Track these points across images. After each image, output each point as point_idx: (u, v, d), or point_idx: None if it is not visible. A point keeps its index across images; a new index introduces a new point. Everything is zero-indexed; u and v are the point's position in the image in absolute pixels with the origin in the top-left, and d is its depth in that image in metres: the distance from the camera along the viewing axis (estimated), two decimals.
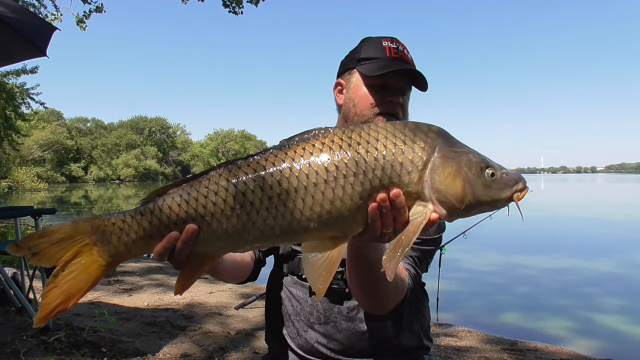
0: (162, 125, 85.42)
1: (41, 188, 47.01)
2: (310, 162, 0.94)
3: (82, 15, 10.19)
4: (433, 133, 0.99)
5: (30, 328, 3.70)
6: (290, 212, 0.93)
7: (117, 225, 0.97)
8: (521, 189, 0.99)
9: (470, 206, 0.96)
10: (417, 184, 0.95)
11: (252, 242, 0.96)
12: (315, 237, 0.96)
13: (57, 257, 0.95)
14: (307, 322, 1.48)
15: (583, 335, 4.99)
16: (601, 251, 10.25)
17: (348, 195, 0.93)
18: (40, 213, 4.07)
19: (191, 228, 0.94)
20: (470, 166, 0.96)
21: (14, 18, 3.61)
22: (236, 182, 0.94)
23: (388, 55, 1.47)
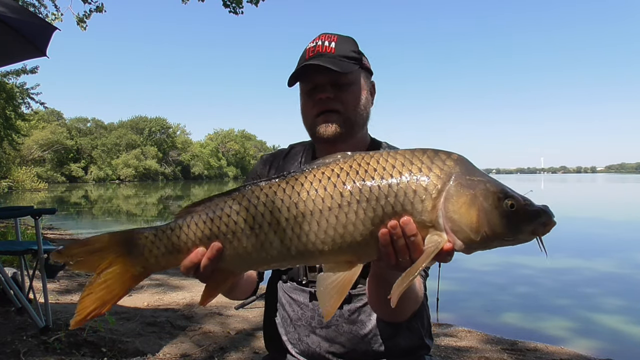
0: (162, 125, 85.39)
1: (41, 188, 46.99)
2: (327, 186, 0.97)
3: (82, 15, 10.19)
4: (451, 161, 0.96)
5: (30, 328, 3.69)
6: (305, 234, 0.96)
7: (149, 238, 1.05)
8: (545, 223, 0.93)
9: (488, 238, 0.91)
10: (430, 213, 0.92)
11: (270, 261, 1.02)
12: (330, 260, 0.98)
13: (94, 265, 1.03)
14: (309, 327, 1.48)
15: (583, 335, 4.99)
16: (601, 251, 10.24)
17: (360, 221, 0.94)
18: (40, 213, 4.06)
19: (216, 246, 1.01)
20: (486, 195, 0.92)
21: (14, 18, 3.61)
22: (257, 204, 1.00)
23: (307, 57, 1.44)
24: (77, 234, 13.09)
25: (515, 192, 0.96)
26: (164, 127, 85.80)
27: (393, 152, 1.00)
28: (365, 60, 1.50)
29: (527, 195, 1.00)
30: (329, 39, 1.45)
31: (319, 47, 1.44)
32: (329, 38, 1.45)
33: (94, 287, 1.02)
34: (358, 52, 1.47)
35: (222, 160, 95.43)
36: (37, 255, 3.81)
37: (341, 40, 1.46)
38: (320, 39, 1.46)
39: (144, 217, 20.80)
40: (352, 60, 1.43)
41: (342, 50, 1.43)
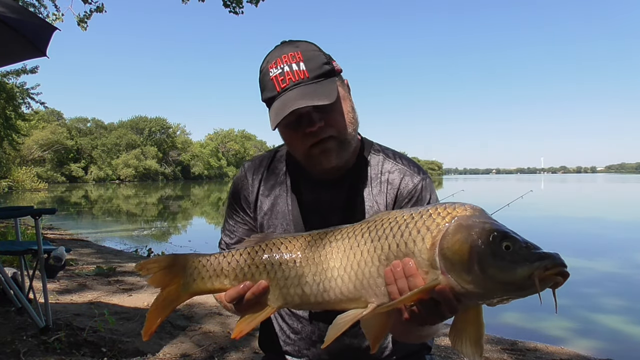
0: (162, 125, 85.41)
1: (41, 188, 47.00)
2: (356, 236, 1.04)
3: (82, 15, 10.20)
4: (462, 208, 0.96)
5: (30, 328, 3.69)
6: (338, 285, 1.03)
7: (202, 262, 1.14)
8: (546, 267, 0.84)
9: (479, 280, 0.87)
10: (429, 251, 0.93)
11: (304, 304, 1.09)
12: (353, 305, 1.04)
13: (161, 282, 1.14)
14: (309, 340, 1.46)
15: (583, 335, 4.99)
16: (601, 251, 10.24)
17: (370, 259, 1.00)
18: (40, 213, 4.06)
19: (263, 284, 1.08)
20: (481, 233, 0.89)
21: (14, 18, 3.61)
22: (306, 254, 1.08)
23: (278, 89, 1.28)
24: (77, 234, 13.10)
25: (521, 237, 0.90)
26: (164, 127, 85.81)
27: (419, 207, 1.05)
28: (335, 64, 1.35)
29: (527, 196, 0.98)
30: (293, 59, 1.27)
31: (288, 73, 1.27)
32: (294, 58, 1.27)
33: (159, 302, 1.13)
34: (327, 60, 1.32)
35: (222, 160, 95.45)
36: (37, 255, 3.81)
37: (306, 55, 1.29)
38: (284, 62, 1.28)
39: (144, 217, 20.81)
40: (328, 74, 1.30)
41: (314, 68, 1.28)
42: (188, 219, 21.29)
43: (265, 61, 1.34)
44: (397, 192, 1.41)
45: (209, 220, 18.61)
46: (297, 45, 1.31)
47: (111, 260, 8.00)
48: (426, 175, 1.45)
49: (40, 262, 3.79)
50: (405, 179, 1.42)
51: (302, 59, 1.28)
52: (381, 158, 1.47)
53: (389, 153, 1.49)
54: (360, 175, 1.44)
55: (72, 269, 6.80)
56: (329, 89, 1.27)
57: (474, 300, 0.92)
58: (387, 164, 1.45)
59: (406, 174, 1.42)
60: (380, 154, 1.48)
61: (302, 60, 1.28)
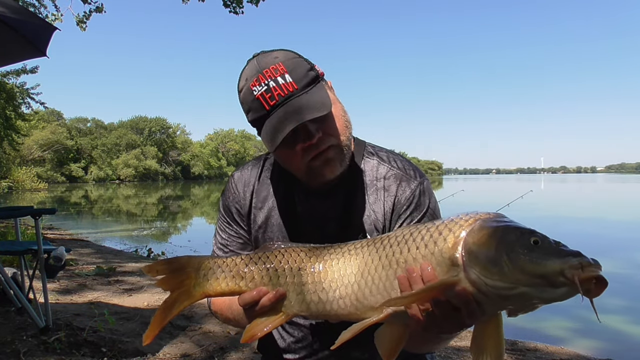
0: (162, 125, 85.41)
1: (41, 188, 47.02)
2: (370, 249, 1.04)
3: (82, 16, 10.20)
4: (486, 214, 0.96)
5: (30, 328, 3.69)
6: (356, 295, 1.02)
7: (217, 263, 1.13)
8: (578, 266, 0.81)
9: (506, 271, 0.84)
10: (451, 249, 0.91)
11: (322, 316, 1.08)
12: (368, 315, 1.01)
13: (170, 284, 1.11)
14: (311, 348, 1.44)
15: (583, 335, 4.99)
16: (601, 251, 10.22)
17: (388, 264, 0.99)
18: (40, 213, 4.06)
19: (280, 291, 1.06)
20: (508, 230, 0.89)
21: (14, 18, 3.61)
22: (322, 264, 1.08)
23: (267, 107, 1.20)
24: (77, 234, 13.10)
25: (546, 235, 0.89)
26: (164, 127, 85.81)
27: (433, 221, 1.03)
28: (317, 68, 1.29)
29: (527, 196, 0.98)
30: (276, 72, 1.20)
31: (275, 89, 1.18)
32: (276, 72, 1.20)
33: (168, 303, 1.10)
34: (310, 65, 1.26)
35: (222, 160, 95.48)
36: (37, 255, 3.81)
37: (288, 65, 1.21)
38: (267, 77, 1.19)
39: (144, 217, 20.81)
40: (314, 81, 1.24)
41: (300, 77, 1.21)
42: (188, 219, 21.29)
43: (244, 79, 1.24)
44: (394, 200, 1.36)
45: (209, 220, 18.61)
46: (276, 57, 1.23)
47: (111, 260, 8.00)
48: (423, 177, 1.40)
49: (40, 262, 3.79)
50: (402, 185, 1.36)
51: (285, 70, 1.20)
52: (375, 163, 1.41)
53: (382, 156, 1.43)
54: (354, 183, 1.38)
55: (72, 269, 6.80)
56: (321, 96, 1.20)
57: (495, 303, 0.89)
58: (382, 168, 1.39)
59: (402, 179, 1.37)
60: (374, 158, 1.42)
61: (286, 72, 1.20)
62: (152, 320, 1.09)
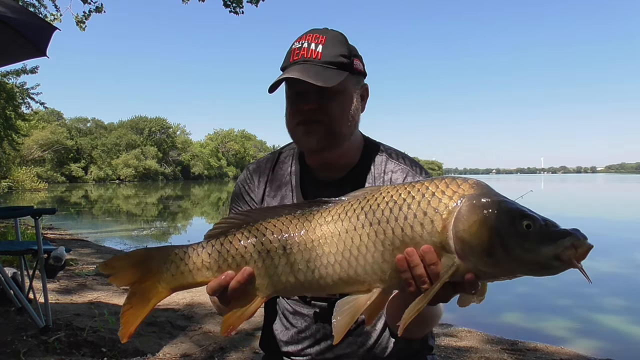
0: (162, 125, 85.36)
1: (41, 188, 46.95)
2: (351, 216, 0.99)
3: (81, 16, 10.21)
4: (466, 184, 0.93)
5: (30, 328, 3.69)
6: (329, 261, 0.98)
7: (178, 255, 1.06)
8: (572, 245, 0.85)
9: (503, 261, 0.86)
10: (441, 234, 0.89)
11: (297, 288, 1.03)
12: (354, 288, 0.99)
13: (128, 279, 1.06)
14: (314, 339, 1.47)
15: (583, 335, 4.99)
16: (601, 251, 10.23)
17: (372, 244, 0.95)
18: (40, 213, 4.06)
19: (248, 270, 1.01)
20: (500, 214, 0.86)
21: (14, 18, 3.61)
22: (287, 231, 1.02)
23: (291, 60, 1.33)
24: (77, 234, 13.09)
25: (537, 214, 0.89)
26: (164, 127, 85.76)
27: (413, 182, 1.00)
28: (357, 63, 1.38)
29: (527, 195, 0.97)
30: (316, 40, 1.33)
31: (305, 50, 1.32)
32: (317, 39, 1.33)
33: (132, 301, 1.05)
34: (348, 55, 1.34)
35: (222, 160, 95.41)
36: (37, 255, 3.81)
37: (330, 41, 1.33)
38: (307, 39, 1.34)
39: (144, 217, 20.80)
40: (340, 66, 1.32)
41: (330, 54, 1.31)
42: (188, 219, 21.29)
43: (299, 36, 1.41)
44: None
45: (209, 220, 18.61)
46: (328, 32, 1.37)
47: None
48: (428, 175, 1.47)
49: (40, 262, 3.79)
50: (408, 178, 1.43)
51: (322, 42, 1.33)
52: (384, 158, 1.48)
53: (392, 153, 1.51)
54: (363, 175, 1.46)
55: (72, 269, 6.80)
56: (331, 76, 1.29)
57: (491, 280, 0.92)
58: (390, 164, 1.47)
59: (409, 173, 1.44)
60: (383, 154, 1.50)
61: (322, 44, 1.33)
62: (121, 318, 1.04)
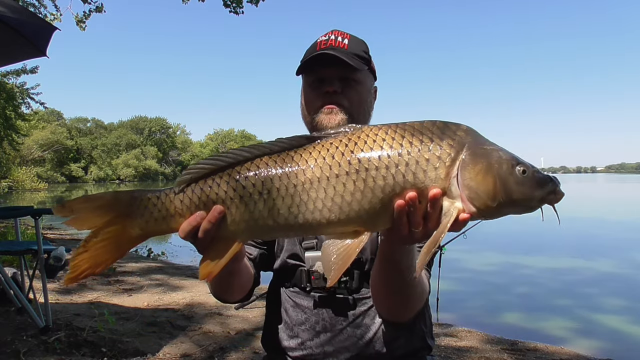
0: (162, 125, 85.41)
1: (41, 188, 46.98)
2: (335, 154, 0.97)
3: (82, 16, 10.21)
4: (461, 131, 0.98)
5: (30, 328, 3.69)
6: (313, 202, 0.95)
7: (151, 200, 1.01)
8: (553, 191, 0.96)
9: (503, 204, 0.94)
10: (444, 180, 0.94)
11: (277, 230, 0.99)
12: (338, 230, 0.98)
13: (93, 223, 0.99)
14: (313, 331, 1.47)
15: (583, 335, 4.99)
16: (601, 251, 10.25)
17: (370, 189, 0.94)
18: (40, 213, 4.06)
19: (218, 209, 0.97)
20: (501, 163, 0.95)
21: (14, 18, 3.61)
22: (265, 170, 0.98)
23: (318, 48, 1.43)
24: (77, 234, 13.08)
25: (523, 159, 0.99)
26: (164, 127, 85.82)
27: (402, 124, 1.00)
28: (372, 64, 1.51)
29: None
30: (341, 35, 1.45)
31: (332, 41, 1.43)
32: (342, 35, 1.46)
33: (89, 245, 0.98)
34: (368, 54, 1.48)
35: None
36: (37, 255, 3.81)
37: (353, 39, 1.47)
38: (333, 34, 1.45)
39: None
40: (363, 60, 1.44)
41: (354, 48, 1.44)
42: None
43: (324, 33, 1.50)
44: None
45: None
46: (349, 34, 1.49)
47: None
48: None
49: (40, 262, 3.79)
50: None
51: (348, 38, 1.45)
52: None
53: None
54: None
55: None
56: (358, 63, 1.40)
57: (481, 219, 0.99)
58: None
59: None
60: None
61: (347, 38, 1.44)
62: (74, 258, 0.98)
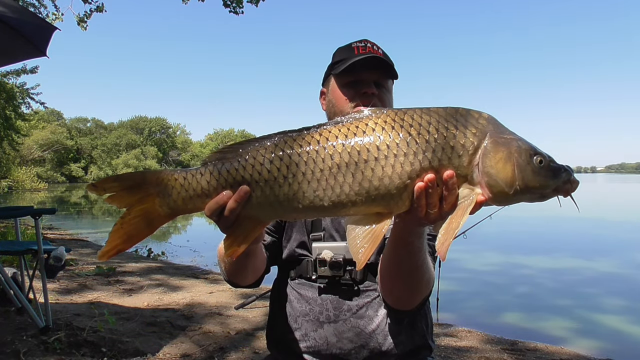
0: (162, 125, 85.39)
1: (41, 188, 46.99)
2: (363, 139, 0.98)
3: (82, 15, 10.20)
4: (484, 119, 1.02)
5: (30, 328, 3.69)
6: (340, 185, 0.97)
7: (178, 181, 1.05)
8: (569, 180, 1.00)
9: (518, 192, 0.98)
10: (466, 168, 0.98)
11: (301, 211, 1.01)
12: (361, 211, 1.00)
13: (126, 201, 1.06)
14: (317, 322, 1.49)
15: (583, 335, 4.99)
16: (601, 251, 10.25)
17: (397, 174, 0.97)
18: (40, 213, 4.06)
19: (244, 189, 1.00)
20: (520, 152, 0.99)
21: (14, 18, 3.61)
22: (291, 152, 1.00)
23: (356, 52, 1.52)
24: (77, 233, 13.09)
25: (541, 149, 1.02)
26: (164, 127, 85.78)
27: (427, 110, 1.02)
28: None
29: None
30: (376, 45, 1.56)
31: (369, 48, 1.53)
32: (376, 45, 1.56)
33: (125, 221, 1.05)
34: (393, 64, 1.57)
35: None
36: (37, 255, 3.81)
37: (383, 50, 1.58)
38: (366, 42, 1.56)
39: None
40: (392, 69, 1.54)
41: (388, 57, 1.56)
42: (188, 219, 21.26)
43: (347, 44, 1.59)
44: None
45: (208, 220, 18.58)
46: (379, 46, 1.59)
47: (111, 260, 8.00)
48: None
49: (40, 262, 3.79)
50: None
51: (380, 48, 1.57)
52: None
53: None
54: None
55: (72, 269, 6.81)
56: (395, 73, 1.54)
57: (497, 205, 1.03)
58: None
59: None
60: None
61: (380, 48, 1.57)
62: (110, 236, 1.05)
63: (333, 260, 1.47)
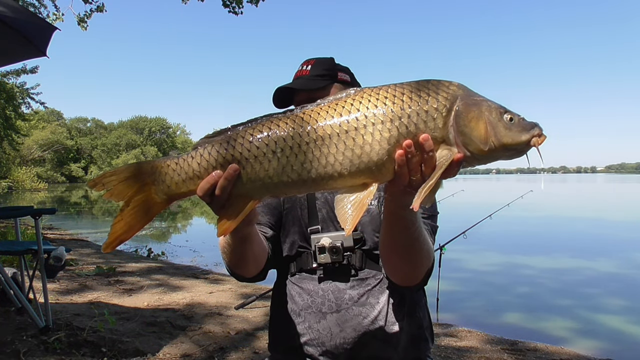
0: (162, 125, 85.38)
1: (41, 188, 47.01)
2: (343, 112, 1.05)
3: (83, 15, 10.21)
4: (454, 86, 1.08)
5: (30, 328, 3.69)
6: (325, 156, 1.03)
7: (171, 166, 1.10)
8: (539, 134, 1.05)
9: (494, 149, 1.03)
10: (442, 129, 1.03)
11: (290, 185, 1.06)
12: (349, 183, 1.05)
13: (124, 194, 1.09)
14: (319, 313, 1.52)
15: (583, 335, 4.99)
16: (602, 251, 10.24)
17: (377, 142, 1.02)
18: (40, 213, 4.06)
19: (233, 167, 1.04)
20: (490, 110, 1.05)
21: (14, 18, 3.61)
22: (277, 129, 1.06)
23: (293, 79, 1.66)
24: (77, 233, 13.09)
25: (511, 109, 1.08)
26: (164, 127, 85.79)
27: (400, 84, 1.08)
28: (341, 74, 1.64)
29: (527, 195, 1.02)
30: (307, 63, 1.66)
31: (299, 72, 1.66)
32: (307, 63, 1.66)
33: (124, 213, 1.09)
34: (332, 69, 1.63)
35: None
36: (37, 255, 3.81)
37: (318, 62, 1.64)
38: (302, 65, 1.67)
39: None
40: (325, 77, 1.61)
41: (316, 71, 1.62)
42: (187, 219, 21.28)
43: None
44: None
45: (208, 219, 18.59)
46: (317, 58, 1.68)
47: (111, 260, 8.00)
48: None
49: (40, 262, 3.79)
50: None
51: (312, 64, 1.65)
52: None
53: None
54: None
55: (72, 269, 6.81)
56: (314, 84, 1.60)
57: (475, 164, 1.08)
58: None
59: None
60: None
61: (311, 64, 1.65)
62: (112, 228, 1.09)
63: (332, 246, 1.51)
